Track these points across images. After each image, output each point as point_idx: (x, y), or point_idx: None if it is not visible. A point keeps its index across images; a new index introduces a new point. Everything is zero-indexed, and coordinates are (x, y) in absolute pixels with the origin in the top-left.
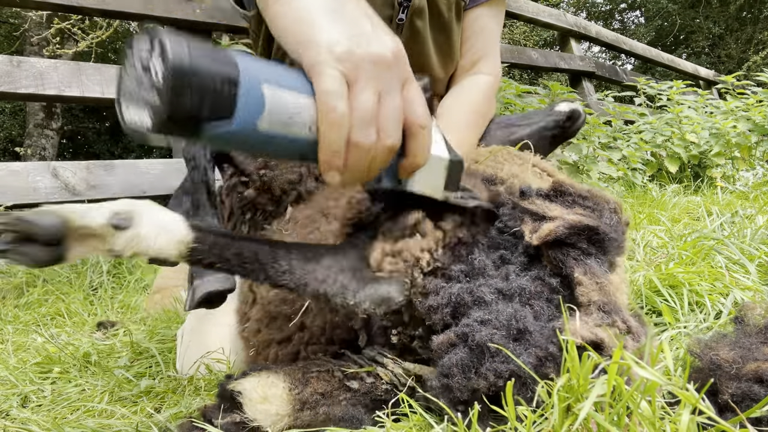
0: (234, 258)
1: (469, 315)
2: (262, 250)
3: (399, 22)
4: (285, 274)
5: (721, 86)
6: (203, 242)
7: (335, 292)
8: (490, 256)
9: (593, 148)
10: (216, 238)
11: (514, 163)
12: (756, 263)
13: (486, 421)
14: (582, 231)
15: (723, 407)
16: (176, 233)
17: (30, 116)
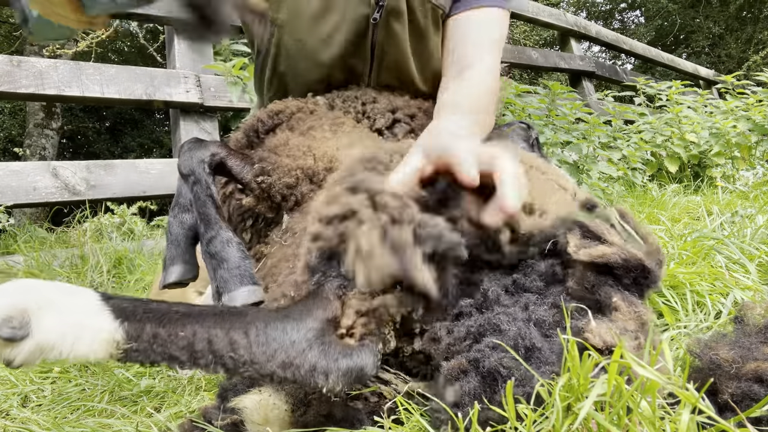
0: (182, 353)
1: (481, 341)
2: (216, 338)
3: (373, 21)
4: (248, 365)
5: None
6: (139, 337)
7: (304, 376)
8: (503, 281)
9: (593, 147)
10: (155, 328)
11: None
12: (756, 263)
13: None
14: (635, 268)
15: (723, 407)
16: (100, 331)
17: (30, 116)
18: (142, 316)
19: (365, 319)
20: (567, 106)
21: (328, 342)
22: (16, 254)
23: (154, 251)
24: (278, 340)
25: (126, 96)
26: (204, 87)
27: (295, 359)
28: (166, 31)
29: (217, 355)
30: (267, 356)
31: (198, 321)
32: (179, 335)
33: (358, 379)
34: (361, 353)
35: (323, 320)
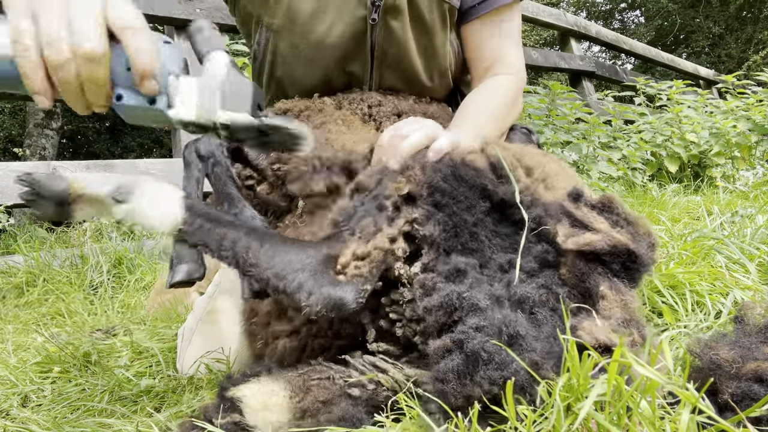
0: (214, 243)
1: (464, 321)
2: (240, 241)
3: (372, 22)
4: (252, 267)
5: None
6: (191, 224)
7: (292, 289)
8: (499, 259)
9: (593, 147)
10: (203, 222)
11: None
12: (756, 263)
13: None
14: (622, 253)
15: (723, 407)
16: (169, 214)
17: (30, 116)
18: (200, 212)
19: (359, 262)
20: (567, 106)
21: (321, 271)
22: (16, 254)
23: (154, 251)
24: (280, 257)
25: None
26: None
27: (288, 274)
28: (166, 31)
29: (235, 252)
30: (268, 264)
31: (234, 227)
32: (216, 231)
33: (338, 308)
34: (346, 288)
35: (324, 254)
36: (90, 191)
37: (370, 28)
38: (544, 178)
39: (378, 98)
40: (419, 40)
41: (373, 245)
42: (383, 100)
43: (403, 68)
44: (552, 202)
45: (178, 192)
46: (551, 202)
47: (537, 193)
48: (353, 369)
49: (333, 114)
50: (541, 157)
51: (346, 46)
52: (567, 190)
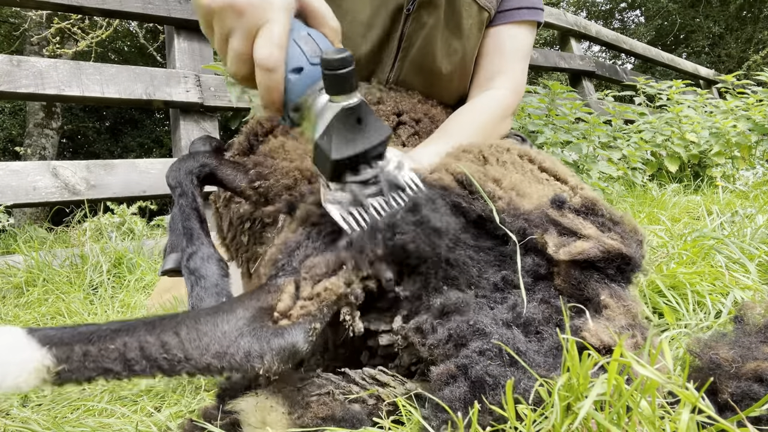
0: (116, 364)
1: (468, 346)
2: (147, 343)
3: (407, 12)
4: (182, 362)
5: (721, 85)
6: (69, 358)
7: (241, 362)
8: (492, 278)
9: (593, 147)
10: (85, 347)
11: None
12: (756, 262)
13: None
14: (615, 258)
15: (723, 406)
16: (28, 362)
17: (30, 116)
18: (70, 338)
19: (305, 302)
20: (567, 105)
21: (260, 326)
22: (16, 254)
23: (154, 251)
24: (209, 334)
25: (126, 96)
26: (204, 87)
27: (229, 348)
28: (166, 31)
29: (150, 359)
30: (201, 350)
31: (129, 332)
32: (110, 348)
33: (292, 357)
34: (293, 330)
35: (256, 308)
36: None
37: (404, 17)
38: (513, 186)
39: (378, 95)
40: (449, 40)
41: (322, 286)
42: (384, 97)
43: (425, 64)
44: (532, 211)
45: (16, 332)
46: (531, 210)
47: (513, 203)
48: (353, 383)
49: None
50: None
51: (383, 34)
52: (548, 197)
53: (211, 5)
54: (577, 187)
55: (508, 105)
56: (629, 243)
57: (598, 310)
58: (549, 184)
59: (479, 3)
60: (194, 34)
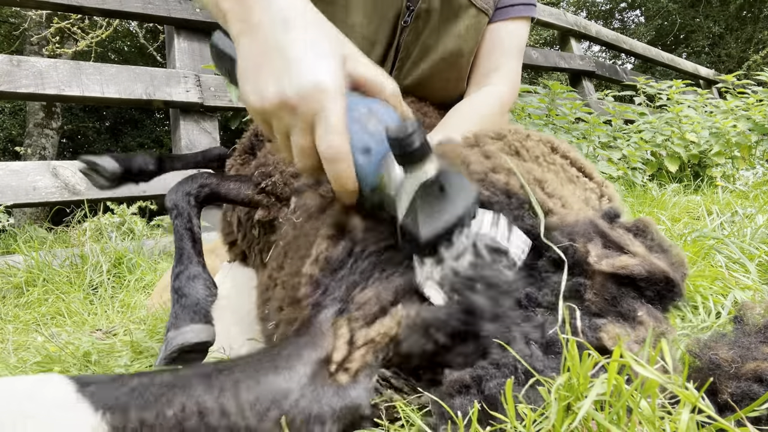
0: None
1: (486, 357)
2: (206, 409)
3: (404, 24)
4: (242, 430)
5: (721, 85)
6: (125, 428)
7: (300, 426)
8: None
9: (593, 147)
10: (140, 413)
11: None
12: (756, 262)
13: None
14: (659, 281)
15: (722, 406)
16: (80, 427)
17: (30, 116)
18: (124, 400)
19: (362, 351)
20: (567, 105)
21: (321, 385)
22: (16, 254)
23: (154, 251)
24: (269, 397)
25: (126, 96)
26: (204, 87)
27: (289, 413)
28: (166, 31)
29: (210, 427)
30: (260, 416)
31: (185, 391)
32: (168, 415)
33: (353, 420)
34: (354, 390)
35: (315, 362)
36: None
37: (401, 29)
38: (555, 192)
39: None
40: (445, 45)
41: (377, 330)
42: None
43: (421, 71)
44: (575, 222)
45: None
46: (574, 222)
47: (558, 215)
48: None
49: None
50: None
51: (382, 46)
52: (592, 205)
53: (264, 106)
54: (603, 185)
55: (506, 100)
56: (677, 271)
57: (631, 326)
58: (580, 183)
59: (476, 5)
60: (194, 34)
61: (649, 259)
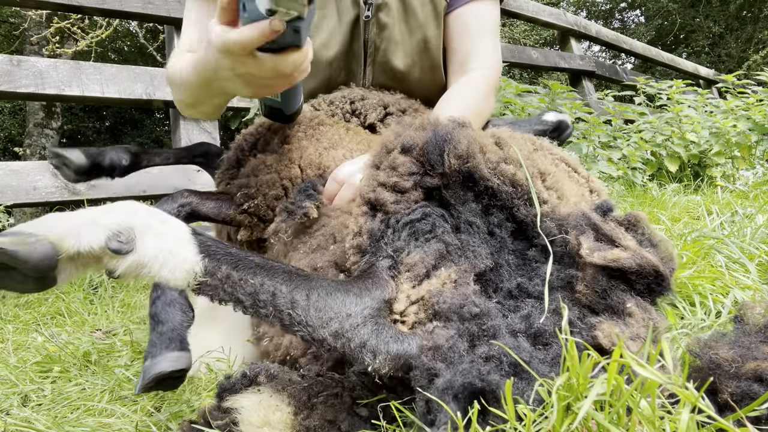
0: (247, 299)
1: (474, 351)
2: (281, 293)
3: (366, 19)
4: (302, 326)
5: (721, 85)
6: (214, 275)
7: (354, 349)
8: (507, 285)
9: (593, 147)
10: (229, 270)
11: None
12: (756, 262)
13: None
14: (649, 275)
15: (723, 406)
16: (184, 261)
17: (30, 115)
18: (221, 256)
19: (416, 308)
20: (567, 105)
21: (382, 323)
22: None
23: None
24: (335, 310)
25: (126, 95)
26: None
27: (348, 332)
28: (166, 31)
29: (277, 308)
30: (322, 322)
31: (268, 273)
32: (249, 281)
33: (404, 367)
34: (411, 342)
35: (380, 300)
36: (85, 247)
37: (364, 24)
38: (555, 185)
39: (361, 93)
40: (412, 34)
41: (426, 289)
42: (367, 94)
43: (392, 63)
44: (569, 215)
45: (185, 229)
46: (567, 214)
47: (553, 206)
48: (360, 386)
49: (300, 122)
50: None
51: (345, 44)
52: (595, 203)
53: None
54: (589, 179)
55: (488, 83)
56: (666, 265)
57: (620, 318)
58: (572, 178)
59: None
60: None
61: (641, 253)
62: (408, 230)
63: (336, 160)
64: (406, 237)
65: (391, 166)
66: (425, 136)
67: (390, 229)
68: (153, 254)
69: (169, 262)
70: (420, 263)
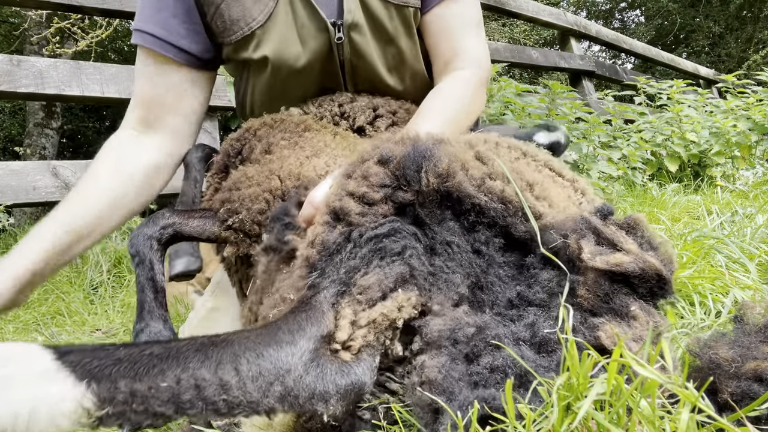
0: (168, 408)
1: (479, 362)
2: (204, 381)
3: (338, 41)
4: (242, 406)
5: (721, 85)
6: (113, 399)
7: (303, 405)
8: (508, 293)
9: (593, 147)
10: (130, 383)
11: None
12: (756, 262)
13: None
14: (651, 278)
15: (723, 406)
16: (62, 401)
17: (30, 115)
18: (111, 370)
19: (364, 331)
20: (567, 105)
21: (324, 363)
22: None
23: None
24: (273, 371)
25: (126, 95)
26: None
27: (293, 389)
28: None
29: (208, 401)
30: (263, 392)
31: (179, 363)
32: (161, 387)
33: (357, 397)
34: (358, 368)
35: (317, 338)
36: None
37: (336, 47)
38: (544, 194)
39: (350, 96)
40: (385, 50)
41: (378, 312)
42: (356, 97)
43: (371, 78)
44: (565, 220)
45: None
46: (563, 220)
47: (545, 216)
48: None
49: (284, 129)
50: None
51: (316, 69)
52: (595, 206)
53: None
54: (574, 181)
55: (477, 81)
56: (668, 268)
57: (624, 320)
58: (558, 183)
59: (393, 2)
60: None
61: (643, 257)
62: (371, 246)
63: (317, 169)
64: (365, 254)
65: (363, 176)
66: (404, 150)
67: (350, 243)
68: (7, 413)
69: (41, 415)
70: (375, 285)
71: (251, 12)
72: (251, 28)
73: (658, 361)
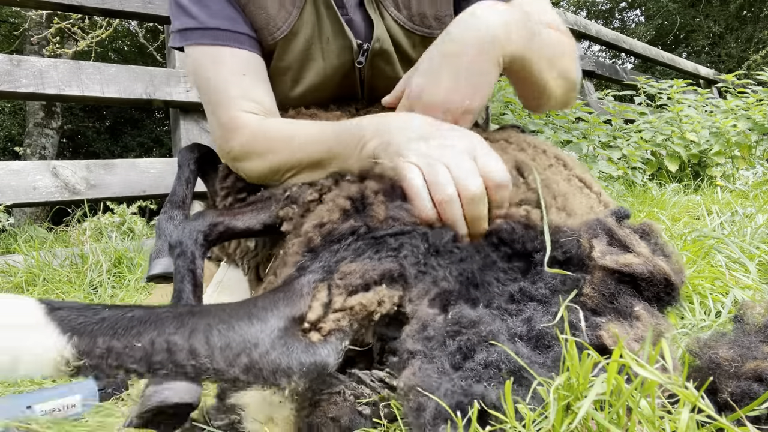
0: (140, 366)
1: (474, 358)
2: (176, 346)
3: (358, 65)
4: (208, 372)
5: (721, 85)
6: (91, 353)
7: (268, 377)
8: (509, 288)
9: (593, 147)
10: (108, 341)
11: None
12: (756, 262)
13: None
14: (659, 282)
15: (723, 406)
16: (45, 350)
17: (30, 115)
18: (93, 327)
19: (338, 315)
20: None
21: (291, 341)
22: (16, 254)
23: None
24: (241, 344)
25: (126, 95)
26: None
27: (258, 362)
28: (166, 31)
29: (177, 365)
30: (229, 361)
31: (156, 327)
32: (135, 346)
33: (320, 377)
34: (323, 349)
35: (288, 318)
36: None
37: (358, 70)
38: (565, 205)
39: (365, 103)
40: (405, 70)
41: (356, 300)
42: (372, 108)
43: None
44: (580, 225)
45: (34, 306)
46: (578, 225)
47: (564, 226)
48: (363, 385)
49: (323, 116)
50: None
51: (335, 81)
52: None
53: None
54: (600, 194)
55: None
56: (677, 275)
57: (627, 320)
58: (585, 194)
59: (417, 33)
60: None
61: (653, 261)
62: (368, 240)
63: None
64: (361, 246)
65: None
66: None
67: (353, 236)
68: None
69: (24, 359)
70: (357, 273)
71: (275, 21)
72: (275, 38)
73: (659, 361)
